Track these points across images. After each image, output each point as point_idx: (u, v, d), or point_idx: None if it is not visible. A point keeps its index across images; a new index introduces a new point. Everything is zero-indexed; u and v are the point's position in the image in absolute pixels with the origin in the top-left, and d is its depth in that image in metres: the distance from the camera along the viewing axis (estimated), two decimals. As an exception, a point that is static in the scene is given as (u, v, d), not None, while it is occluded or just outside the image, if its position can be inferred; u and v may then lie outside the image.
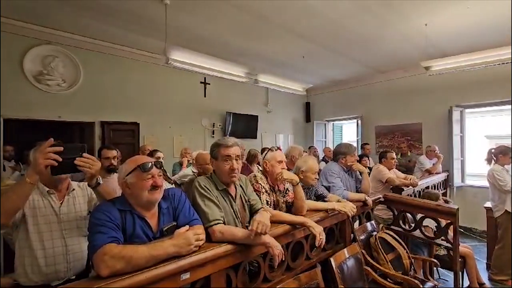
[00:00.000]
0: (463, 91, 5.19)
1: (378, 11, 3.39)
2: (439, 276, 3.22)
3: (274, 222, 1.62)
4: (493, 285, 3.11)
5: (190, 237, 1.16)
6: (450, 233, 2.53)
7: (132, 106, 4.53)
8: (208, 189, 1.45)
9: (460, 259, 2.77)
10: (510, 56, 3.31)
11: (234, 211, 1.54)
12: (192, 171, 3.22)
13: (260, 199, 1.74)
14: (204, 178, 1.52)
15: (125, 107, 4.46)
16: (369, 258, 2.14)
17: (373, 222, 2.51)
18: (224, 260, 1.29)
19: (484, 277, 3.19)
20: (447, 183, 5.17)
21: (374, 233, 2.37)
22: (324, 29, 3.83)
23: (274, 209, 1.83)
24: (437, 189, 4.67)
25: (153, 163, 1.24)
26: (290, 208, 1.92)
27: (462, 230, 4.89)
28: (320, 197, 2.23)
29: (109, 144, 3.60)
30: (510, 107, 4.59)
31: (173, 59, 3.34)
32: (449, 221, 2.13)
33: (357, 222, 2.52)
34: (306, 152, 5.40)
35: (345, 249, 1.95)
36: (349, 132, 8.55)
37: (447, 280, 3.18)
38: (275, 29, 3.80)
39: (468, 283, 2.90)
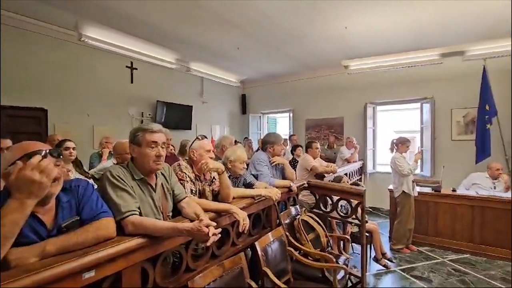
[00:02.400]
0: (376, 89, 5.95)
1: (305, 10, 3.60)
2: (353, 251, 3.67)
3: (199, 210, 1.59)
4: (392, 253, 3.70)
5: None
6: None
7: (38, 88, 3.85)
8: (121, 179, 1.32)
9: (367, 234, 3.21)
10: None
11: (154, 201, 1.44)
12: (113, 163, 2.92)
13: (185, 188, 1.68)
14: (117, 167, 1.38)
15: (29, 89, 3.76)
16: (292, 240, 2.29)
17: (297, 206, 2.70)
18: (138, 253, 1.20)
19: (386, 247, 3.78)
20: (362, 170, 5.91)
21: (298, 216, 2.55)
22: (258, 22, 3.90)
23: (200, 198, 1.79)
24: (354, 175, 5.31)
25: (47, 151, 1.05)
26: (217, 196, 1.91)
27: (370, 210, 5.68)
28: (248, 186, 2.28)
29: (5, 134, 2.98)
30: (420, 105, 5.48)
31: (89, 37, 2.93)
32: (358, 201, 2.44)
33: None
34: (241, 143, 5.48)
35: (269, 233, 2.05)
36: (284, 124, 9.00)
37: (359, 254, 3.65)
38: (209, 16, 3.69)
39: (374, 253, 3.40)
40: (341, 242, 2.75)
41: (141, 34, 3.81)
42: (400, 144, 3.71)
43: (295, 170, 3.59)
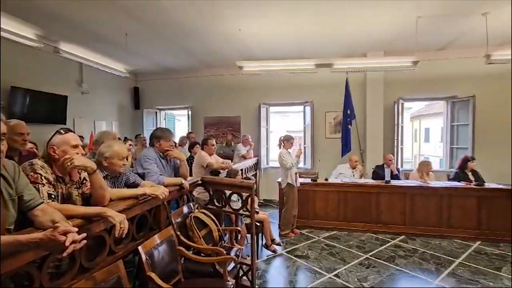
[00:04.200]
0: (268, 91, 6.50)
1: (202, 6, 3.55)
2: (247, 241, 3.88)
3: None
4: (281, 239, 4.12)
5: None
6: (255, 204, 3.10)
7: None
8: None
9: (258, 224, 3.47)
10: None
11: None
12: None
13: (40, 192, 1.35)
14: None
15: None
16: (183, 239, 2.21)
17: (191, 204, 2.63)
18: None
19: (276, 234, 4.18)
20: (257, 166, 6.35)
21: (191, 214, 2.49)
22: (151, 10, 3.59)
23: (64, 203, 1.48)
24: (250, 171, 5.64)
25: None
26: (89, 200, 1.63)
27: (262, 202, 6.19)
28: (132, 186, 2.05)
29: None
30: (303, 108, 6.26)
31: None
32: (248, 194, 2.58)
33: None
34: (131, 141, 4.96)
35: (156, 235, 1.91)
36: (184, 122, 8.67)
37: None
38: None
39: (265, 241, 3.70)
40: (235, 234, 2.84)
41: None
42: (286, 141, 4.17)
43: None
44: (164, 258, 1.91)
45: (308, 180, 4.73)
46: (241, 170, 4.71)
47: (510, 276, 2.96)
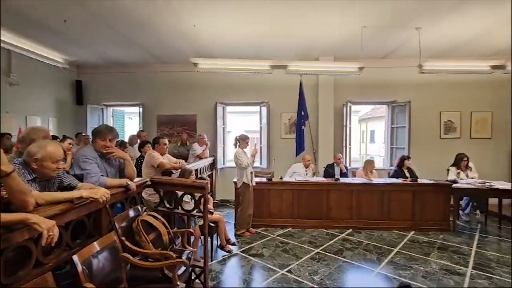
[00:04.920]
0: (225, 91, 6.44)
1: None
2: (201, 243, 3.78)
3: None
4: (236, 238, 4.10)
5: None
6: (209, 205, 3.02)
7: None
8: None
9: (212, 225, 3.40)
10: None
11: None
12: None
13: None
14: None
15: None
16: (128, 244, 2.05)
17: (138, 207, 2.46)
18: None
19: (231, 234, 4.15)
20: (213, 166, 6.24)
21: (139, 217, 2.32)
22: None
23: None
24: (206, 171, 5.52)
25: None
26: (10, 205, 1.41)
27: (218, 202, 6.11)
28: (67, 189, 1.84)
29: None
30: (259, 108, 6.29)
31: None
32: (201, 194, 2.51)
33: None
34: (72, 139, 4.51)
35: (95, 242, 1.73)
36: (136, 120, 8.13)
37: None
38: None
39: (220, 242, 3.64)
40: (187, 237, 2.74)
41: None
42: (241, 140, 4.16)
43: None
44: (105, 267, 1.75)
45: (264, 180, 4.79)
46: (197, 170, 4.59)
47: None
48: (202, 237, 3.52)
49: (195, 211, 2.63)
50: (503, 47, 5.03)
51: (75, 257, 1.54)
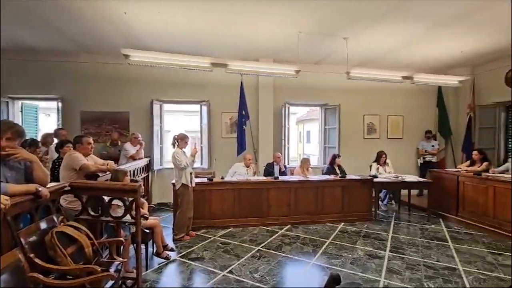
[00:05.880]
0: (162, 87, 6.05)
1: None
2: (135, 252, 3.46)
3: None
4: (175, 243, 3.88)
5: None
6: (143, 210, 2.76)
7: None
8: None
9: (147, 231, 3.14)
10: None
11: None
12: None
13: None
14: None
15: None
16: (39, 262, 1.73)
17: (53, 217, 2.10)
18: None
19: (169, 239, 3.91)
20: (149, 167, 5.81)
21: (53, 229, 1.98)
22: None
23: None
24: (140, 172, 5.10)
25: None
26: None
27: (154, 206, 5.72)
28: None
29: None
30: (199, 107, 6.05)
31: None
32: (133, 198, 2.27)
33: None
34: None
35: (-10, 263, 1.40)
36: (54, 116, 7.00)
37: (142, 253, 3.49)
38: None
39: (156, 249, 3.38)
40: (116, 246, 2.45)
41: None
42: (180, 140, 3.96)
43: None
44: (5, 293, 1.43)
45: (205, 180, 4.66)
46: (129, 172, 4.19)
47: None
48: (134, 245, 3.23)
49: (126, 217, 2.37)
50: (412, 60, 5.99)
51: (-43, 286, 1.22)
